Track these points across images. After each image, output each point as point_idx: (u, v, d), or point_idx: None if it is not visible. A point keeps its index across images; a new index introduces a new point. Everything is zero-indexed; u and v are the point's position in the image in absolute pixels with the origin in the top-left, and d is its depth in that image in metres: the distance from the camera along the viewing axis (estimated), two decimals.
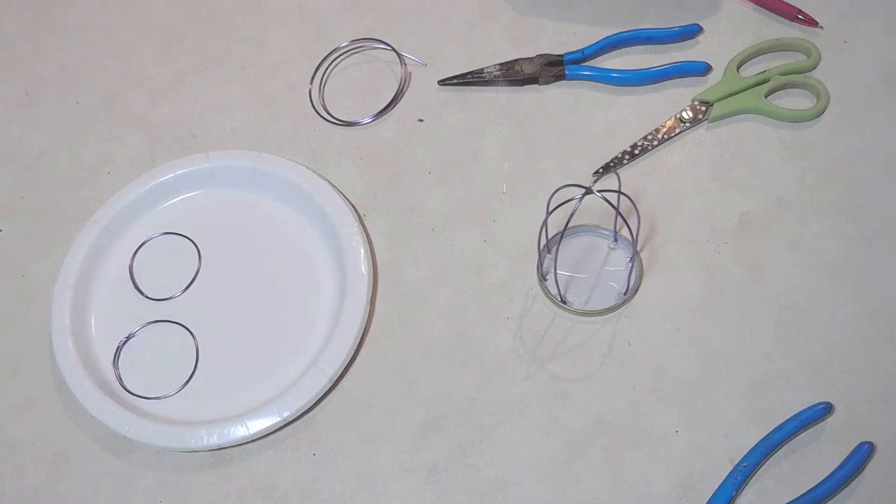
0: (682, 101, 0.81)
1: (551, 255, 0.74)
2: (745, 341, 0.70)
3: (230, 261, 0.78)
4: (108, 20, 0.94)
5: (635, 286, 0.72)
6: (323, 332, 0.74)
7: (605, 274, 0.74)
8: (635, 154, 0.79)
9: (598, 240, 0.75)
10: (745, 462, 0.65)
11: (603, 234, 0.75)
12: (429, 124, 0.83)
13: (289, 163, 0.79)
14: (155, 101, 0.88)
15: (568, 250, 0.75)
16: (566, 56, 0.83)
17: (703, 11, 0.85)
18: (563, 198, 0.66)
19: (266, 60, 0.89)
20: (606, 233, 0.75)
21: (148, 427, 0.69)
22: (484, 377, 0.71)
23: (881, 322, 0.70)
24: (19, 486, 0.71)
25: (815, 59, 0.80)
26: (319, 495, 0.68)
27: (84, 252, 0.77)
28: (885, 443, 0.65)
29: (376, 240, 0.78)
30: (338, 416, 0.71)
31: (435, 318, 0.74)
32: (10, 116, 0.89)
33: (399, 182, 0.81)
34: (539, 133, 0.81)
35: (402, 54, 0.86)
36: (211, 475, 0.70)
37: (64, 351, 0.73)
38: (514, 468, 0.68)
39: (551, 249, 0.74)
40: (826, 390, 0.68)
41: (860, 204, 0.75)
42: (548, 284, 0.73)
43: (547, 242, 0.73)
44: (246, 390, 0.72)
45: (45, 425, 0.73)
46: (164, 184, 0.80)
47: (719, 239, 0.74)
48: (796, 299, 0.71)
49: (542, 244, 0.72)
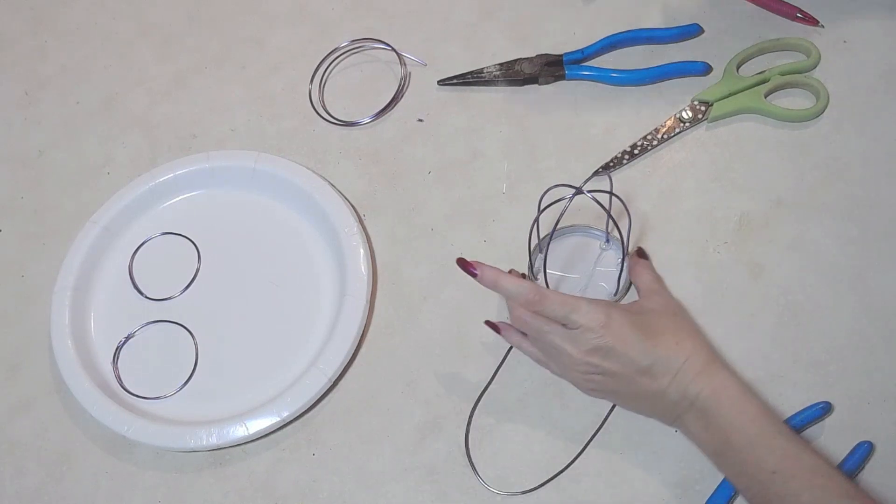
0: (682, 101, 0.81)
1: (542, 254, 0.74)
2: (745, 341, 0.70)
3: (230, 261, 0.78)
4: (108, 20, 0.94)
5: (625, 287, 0.72)
6: (322, 332, 0.74)
7: (597, 274, 0.73)
8: (635, 154, 0.79)
9: (590, 240, 0.75)
10: None
11: (595, 234, 0.75)
12: (429, 124, 0.83)
13: (288, 163, 0.79)
14: (155, 101, 0.88)
15: (559, 250, 0.75)
16: (566, 56, 0.83)
17: (703, 11, 0.85)
18: (554, 198, 0.65)
19: (266, 60, 0.89)
20: (598, 233, 0.75)
21: (147, 427, 0.69)
22: (484, 377, 0.71)
23: (881, 322, 0.70)
24: (19, 486, 0.71)
25: (815, 59, 0.80)
26: (319, 495, 0.68)
27: (84, 252, 0.77)
28: (884, 442, 0.65)
29: (376, 240, 0.78)
30: (337, 416, 0.71)
31: (435, 318, 0.74)
32: (11, 116, 0.89)
33: (399, 182, 0.80)
34: (539, 133, 0.81)
35: (402, 54, 0.86)
36: (210, 475, 0.70)
37: (63, 351, 0.73)
38: (514, 468, 0.68)
39: (542, 249, 0.74)
40: (825, 390, 0.68)
41: (860, 204, 0.75)
42: (538, 283, 0.73)
43: (538, 242, 0.73)
44: (245, 390, 0.72)
45: (45, 425, 0.73)
46: (163, 184, 0.80)
47: (719, 239, 0.74)
48: (796, 299, 0.71)
49: (534, 244, 0.72)
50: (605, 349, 0.62)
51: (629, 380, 0.63)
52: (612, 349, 0.62)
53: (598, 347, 0.62)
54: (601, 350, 0.62)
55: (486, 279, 0.65)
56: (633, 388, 0.63)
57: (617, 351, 0.62)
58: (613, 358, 0.62)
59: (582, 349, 0.63)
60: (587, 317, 0.63)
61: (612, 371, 0.63)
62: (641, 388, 0.63)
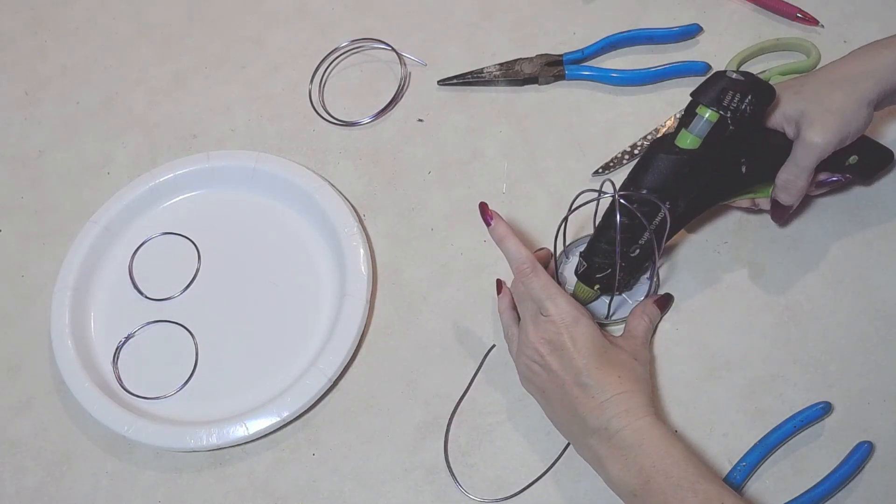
0: (682, 101, 0.80)
1: (567, 260, 0.73)
2: (745, 341, 0.70)
3: (230, 261, 0.78)
4: (108, 20, 0.94)
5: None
6: (322, 332, 0.74)
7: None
8: (635, 154, 0.79)
9: None
10: (744, 462, 0.65)
11: None
12: (429, 124, 0.83)
13: (289, 163, 0.79)
14: (155, 101, 0.88)
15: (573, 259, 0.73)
16: (566, 56, 0.83)
17: (703, 11, 0.85)
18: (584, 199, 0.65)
19: (266, 60, 0.89)
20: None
21: (147, 427, 0.69)
22: (484, 377, 0.71)
23: (881, 322, 0.70)
24: (19, 486, 0.71)
25: (815, 59, 0.80)
26: (319, 495, 0.68)
27: (84, 252, 0.77)
28: (883, 443, 0.65)
29: (376, 240, 0.78)
30: (337, 416, 0.71)
31: (435, 318, 0.74)
32: (11, 116, 0.89)
33: (399, 182, 0.81)
34: (539, 133, 0.81)
35: (402, 54, 0.86)
36: (210, 475, 0.70)
37: (64, 351, 0.73)
38: (514, 468, 0.68)
39: (569, 255, 0.73)
40: (825, 390, 0.68)
41: (860, 204, 0.75)
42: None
43: (565, 248, 0.73)
44: (245, 390, 0.72)
45: (45, 425, 0.73)
46: (164, 184, 0.80)
47: (719, 239, 0.74)
48: (796, 299, 0.71)
49: (560, 250, 0.71)
50: (556, 345, 0.63)
51: (563, 385, 0.63)
52: (563, 348, 0.63)
53: (551, 341, 0.63)
54: (553, 344, 0.63)
55: (496, 233, 0.67)
56: (562, 395, 0.63)
57: (566, 353, 0.62)
58: (559, 357, 0.63)
59: (538, 335, 0.64)
60: (558, 311, 0.63)
61: (553, 369, 0.63)
62: (570, 399, 0.62)
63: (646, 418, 0.61)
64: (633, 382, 0.62)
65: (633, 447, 0.59)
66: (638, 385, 0.63)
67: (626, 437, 0.60)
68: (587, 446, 0.62)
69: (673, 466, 0.58)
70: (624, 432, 0.60)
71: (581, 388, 0.62)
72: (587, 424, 0.61)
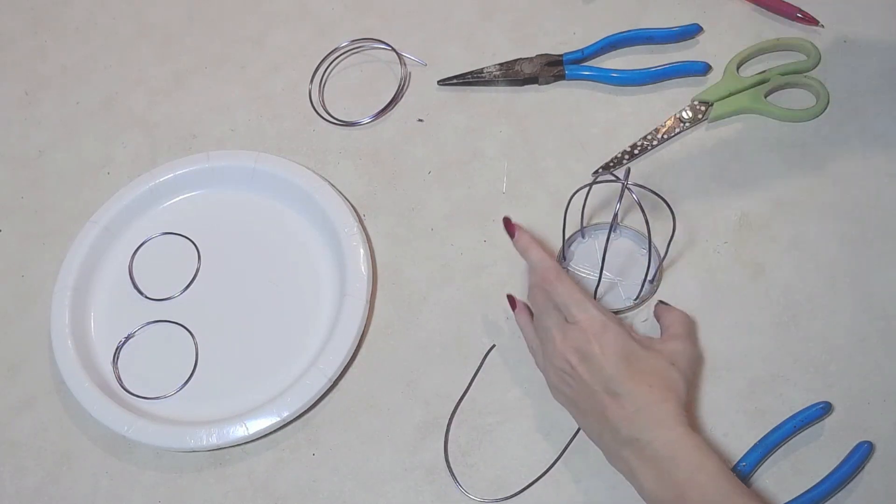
0: (682, 101, 0.81)
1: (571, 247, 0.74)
2: (745, 341, 0.70)
3: (230, 261, 0.78)
4: (108, 20, 0.94)
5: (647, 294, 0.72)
6: (322, 332, 0.74)
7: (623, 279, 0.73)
8: (635, 154, 0.79)
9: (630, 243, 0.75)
10: (744, 462, 0.65)
11: (632, 236, 0.74)
12: (429, 124, 0.83)
13: (289, 163, 0.79)
14: (155, 101, 0.88)
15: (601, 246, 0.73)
16: (566, 56, 0.83)
17: (703, 11, 0.85)
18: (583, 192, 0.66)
19: (266, 60, 0.89)
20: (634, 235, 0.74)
21: (147, 427, 0.69)
22: (484, 377, 0.71)
23: (881, 322, 0.70)
24: (19, 486, 0.71)
25: (814, 59, 0.80)
26: (319, 495, 0.68)
27: (84, 252, 0.77)
28: (884, 443, 0.65)
29: (376, 240, 0.78)
30: (337, 416, 0.71)
31: (435, 318, 0.74)
32: (10, 116, 0.89)
33: (399, 182, 0.81)
34: (539, 133, 0.81)
35: (402, 54, 0.86)
36: (210, 475, 0.70)
37: (64, 351, 0.73)
38: (514, 468, 0.68)
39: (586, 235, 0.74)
40: (825, 390, 0.68)
41: (860, 204, 0.75)
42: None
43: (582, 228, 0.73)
44: (245, 390, 0.72)
45: (45, 425, 0.73)
46: (164, 184, 0.80)
47: (719, 239, 0.74)
48: (796, 299, 0.71)
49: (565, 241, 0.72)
50: (585, 354, 0.62)
51: (594, 395, 0.62)
52: (591, 357, 0.62)
53: (579, 349, 0.62)
54: (581, 353, 0.62)
55: (520, 244, 0.68)
56: (593, 405, 0.62)
57: (596, 362, 0.61)
58: (588, 365, 0.62)
59: (567, 344, 0.63)
60: (586, 316, 0.63)
61: (584, 379, 0.62)
62: (601, 409, 0.61)
63: (678, 429, 0.59)
64: (664, 391, 0.61)
65: (666, 460, 0.58)
66: (670, 393, 0.61)
67: (659, 448, 0.58)
68: (620, 458, 0.61)
69: (709, 481, 0.57)
70: (656, 444, 0.58)
71: (612, 397, 0.61)
72: (619, 434, 0.60)
